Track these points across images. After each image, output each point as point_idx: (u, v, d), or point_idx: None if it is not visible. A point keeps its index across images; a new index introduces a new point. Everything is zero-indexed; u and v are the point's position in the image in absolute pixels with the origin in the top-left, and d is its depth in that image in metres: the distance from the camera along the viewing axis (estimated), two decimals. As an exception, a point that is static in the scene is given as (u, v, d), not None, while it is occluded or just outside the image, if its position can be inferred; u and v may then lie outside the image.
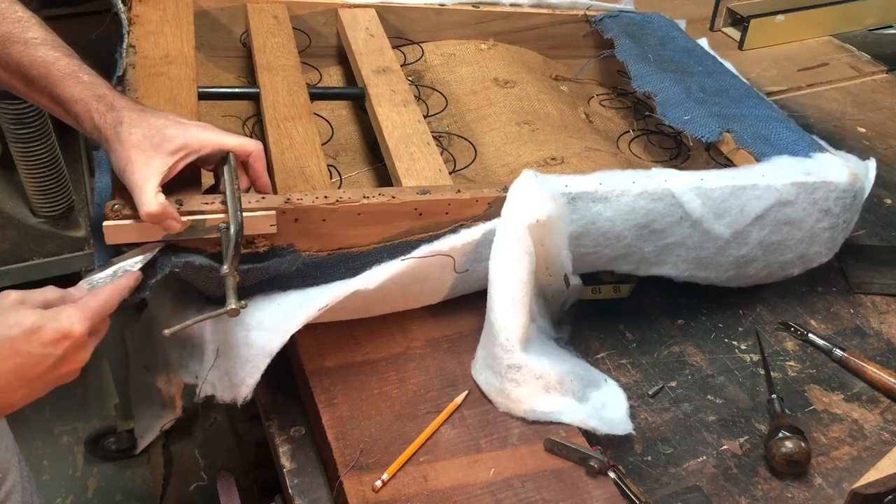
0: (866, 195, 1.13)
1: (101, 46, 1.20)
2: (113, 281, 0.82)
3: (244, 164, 0.91)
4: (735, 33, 1.84)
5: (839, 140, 1.50)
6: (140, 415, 1.16)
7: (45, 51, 0.87)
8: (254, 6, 1.35)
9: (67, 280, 0.81)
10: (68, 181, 1.70)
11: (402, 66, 1.30)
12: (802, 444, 0.92)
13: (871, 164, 1.17)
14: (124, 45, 1.13)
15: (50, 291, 0.77)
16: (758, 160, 1.11)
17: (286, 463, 0.94)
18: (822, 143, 1.20)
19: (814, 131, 1.52)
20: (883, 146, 1.51)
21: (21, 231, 1.69)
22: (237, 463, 1.72)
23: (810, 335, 1.10)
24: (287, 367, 1.02)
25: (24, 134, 1.57)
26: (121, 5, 1.19)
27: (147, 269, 0.86)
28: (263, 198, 0.91)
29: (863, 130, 1.55)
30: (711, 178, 1.03)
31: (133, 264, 0.85)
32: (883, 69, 1.75)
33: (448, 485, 0.87)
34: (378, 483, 0.86)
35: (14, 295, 0.74)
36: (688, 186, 1.01)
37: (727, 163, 1.18)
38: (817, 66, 1.76)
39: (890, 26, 1.91)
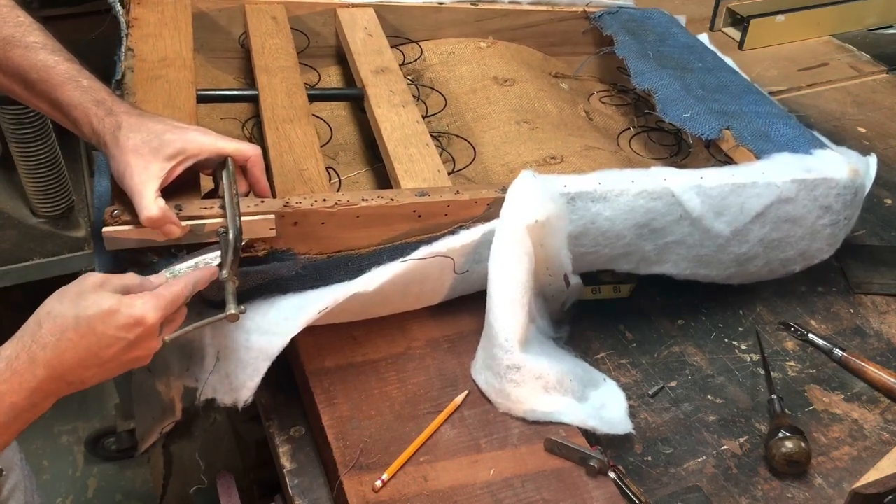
0: (867, 191, 1.12)
1: (101, 47, 1.20)
2: (191, 272, 0.83)
3: (243, 168, 0.92)
4: (735, 33, 1.84)
5: (839, 140, 1.50)
6: (141, 417, 1.16)
7: (46, 55, 0.88)
8: (252, 7, 1.35)
9: (68, 280, 0.81)
10: (68, 181, 1.70)
11: (400, 65, 1.30)
12: (802, 444, 0.92)
13: (872, 160, 1.17)
14: (123, 49, 1.13)
15: (130, 277, 0.79)
16: (758, 157, 1.11)
17: (286, 463, 0.94)
18: (823, 138, 1.20)
19: (814, 131, 1.52)
20: (883, 146, 1.51)
21: (21, 231, 1.69)
22: (237, 463, 1.72)
23: (810, 335, 1.10)
24: (287, 367, 1.02)
25: (24, 134, 1.57)
26: (119, 8, 1.19)
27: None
28: (262, 202, 0.91)
29: (863, 130, 1.55)
30: (711, 176, 1.03)
31: (214, 258, 0.86)
32: (883, 69, 1.74)
33: (448, 485, 0.87)
34: (378, 483, 0.86)
35: (95, 277, 0.76)
36: (687, 185, 1.01)
37: (727, 160, 1.18)
38: (817, 66, 1.76)
39: (890, 26, 1.91)
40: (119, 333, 0.75)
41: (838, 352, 1.07)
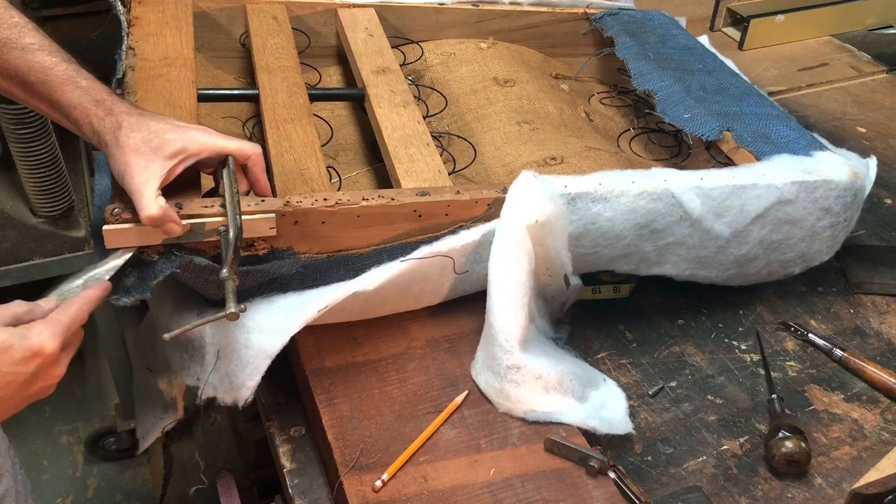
0: (867, 193, 1.12)
1: (101, 47, 1.20)
2: (83, 291, 0.80)
3: (243, 167, 0.91)
4: (735, 33, 1.84)
5: (839, 140, 1.50)
6: (142, 416, 1.16)
7: (43, 56, 0.87)
8: (253, 7, 1.35)
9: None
10: (68, 181, 1.70)
11: (401, 65, 1.30)
12: (802, 444, 0.92)
13: (872, 163, 1.17)
14: (123, 47, 1.13)
15: (17, 306, 0.75)
16: (758, 159, 1.11)
17: (286, 463, 0.94)
18: (823, 140, 1.20)
19: (814, 131, 1.52)
20: (883, 146, 1.51)
21: (21, 231, 1.68)
22: (237, 463, 1.72)
23: (810, 335, 1.10)
24: (287, 367, 1.02)
25: (24, 134, 1.57)
26: (120, 7, 1.19)
27: (117, 277, 0.84)
28: (263, 201, 0.91)
29: (863, 130, 1.55)
30: (711, 177, 1.03)
31: (104, 273, 0.83)
32: (883, 69, 1.75)
33: (448, 485, 0.87)
34: (378, 483, 0.86)
35: None
36: (687, 186, 1.01)
37: (728, 161, 1.18)
38: (817, 66, 1.76)
39: (890, 26, 1.91)
40: (17, 369, 0.71)
41: (838, 352, 1.07)
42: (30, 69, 0.86)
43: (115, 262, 0.85)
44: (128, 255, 0.86)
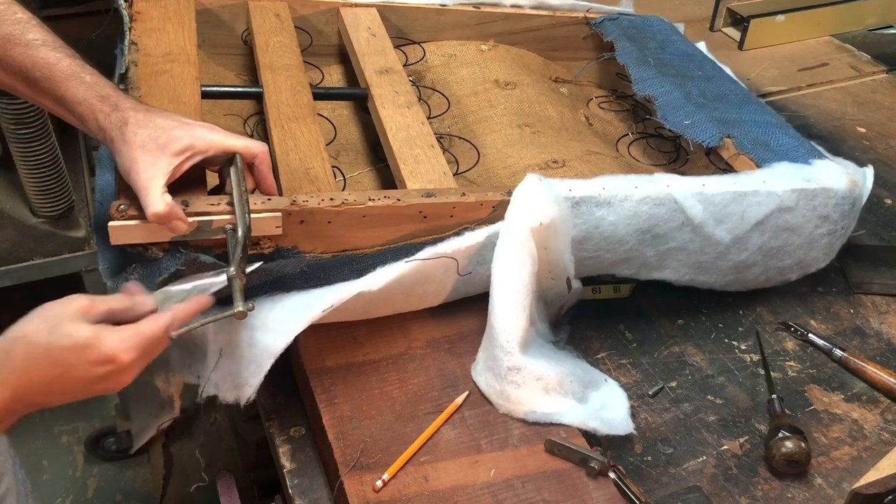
0: (864, 202, 1.13)
1: (102, 46, 1.20)
2: (179, 304, 0.81)
3: (250, 165, 0.91)
4: (735, 33, 1.84)
5: (839, 140, 1.51)
6: (137, 413, 1.15)
7: (47, 52, 0.87)
8: (255, 4, 1.35)
9: (67, 280, 0.81)
10: (68, 181, 1.70)
11: (403, 66, 1.31)
12: (802, 444, 0.92)
13: (869, 171, 1.18)
14: (126, 42, 1.12)
15: (116, 301, 0.78)
16: (758, 166, 1.12)
17: (286, 463, 0.94)
18: (821, 149, 1.20)
19: (814, 131, 1.53)
20: (883, 146, 1.51)
21: (21, 231, 1.68)
22: (237, 463, 1.72)
23: (810, 335, 1.10)
24: (287, 366, 1.02)
25: (24, 134, 1.57)
26: (122, 2, 1.19)
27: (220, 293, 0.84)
28: (269, 199, 0.91)
29: (863, 130, 1.55)
30: (713, 183, 1.04)
31: (213, 285, 0.84)
32: (883, 69, 1.75)
33: (448, 485, 0.87)
34: (378, 483, 0.86)
35: (79, 303, 0.75)
36: (690, 192, 1.02)
37: (727, 168, 1.18)
38: (817, 66, 1.76)
39: (890, 26, 1.91)
40: (90, 367, 0.74)
41: (838, 352, 1.07)
42: (34, 65, 0.86)
43: (227, 276, 0.84)
44: (242, 276, 0.83)
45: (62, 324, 0.73)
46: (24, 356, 0.72)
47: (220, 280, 0.84)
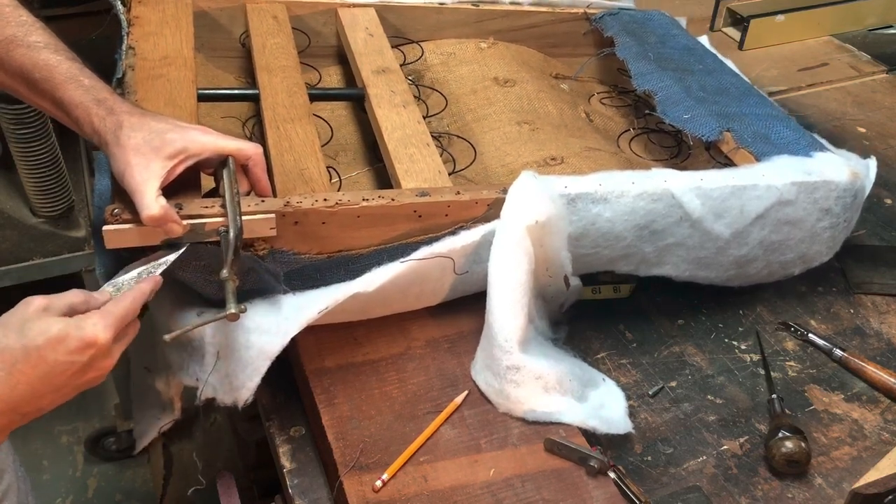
0: (867, 194, 1.13)
1: (102, 47, 1.20)
2: (136, 285, 0.82)
3: (244, 167, 0.92)
4: (735, 33, 1.84)
5: (839, 140, 1.50)
6: (140, 416, 1.16)
7: (48, 54, 0.87)
8: (253, 6, 1.35)
9: (67, 280, 0.81)
10: (68, 181, 1.70)
11: (401, 65, 1.30)
12: (802, 444, 0.92)
13: (872, 163, 1.17)
14: (124, 47, 1.13)
15: (74, 296, 0.77)
16: (758, 159, 1.11)
17: (286, 463, 0.94)
18: (823, 141, 1.20)
19: (814, 131, 1.52)
20: (883, 146, 1.51)
21: (21, 231, 1.69)
22: (237, 463, 1.72)
23: (810, 335, 1.10)
24: (287, 367, 1.02)
25: (24, 134, 1.57)
26: (120, 6, 1.19)
27: (168, 272, 0.85)
28: (263, 201, 0.91)
29: (863, 130, 1.55)
30: (711, 178, 1.03)
31: (156, 266, 0.85)
32: (883, 69, 1.75)
33: (448, 485, 0.87)
34: (378, 483, 0.86)
35: (38, 302, 0.74)
36: (687, 187, 1.01)
37: (728, 162, 1.18)
38: (817, 66, 1.76)
39: (890, 26, 1.91)
40: (72, 358, 0.73)
41: (838, 352, 1.07)
42: (34, 66, 0.87)
43: (169, 258, 0.85)
44: (181, 251, 0.86)
45: (30, 324, 0.72)
46: (3, 366, 0.71)
47: (162, 261, 0.85)
